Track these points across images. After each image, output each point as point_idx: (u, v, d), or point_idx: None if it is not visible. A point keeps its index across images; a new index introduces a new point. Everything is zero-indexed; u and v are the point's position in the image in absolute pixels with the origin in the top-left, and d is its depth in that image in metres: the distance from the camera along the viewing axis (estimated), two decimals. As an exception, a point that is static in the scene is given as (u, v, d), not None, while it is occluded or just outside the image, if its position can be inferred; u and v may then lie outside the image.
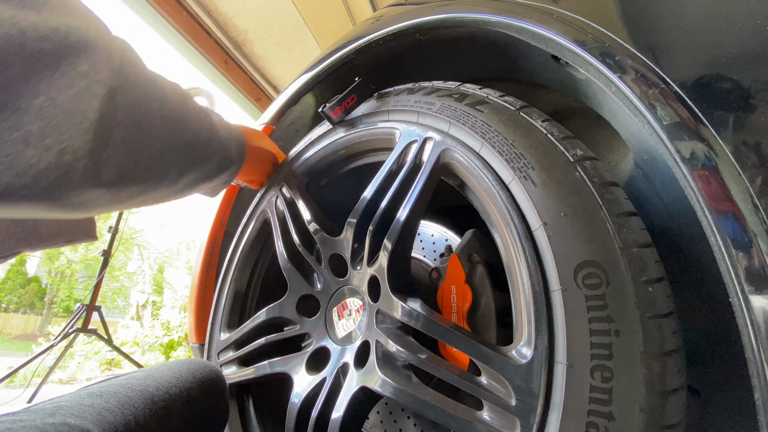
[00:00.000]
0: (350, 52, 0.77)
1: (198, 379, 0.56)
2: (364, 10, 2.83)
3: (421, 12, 0.67)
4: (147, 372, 0.53)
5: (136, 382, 0.49)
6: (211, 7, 2.75)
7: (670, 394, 0.36)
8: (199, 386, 0.55)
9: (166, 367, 0.56)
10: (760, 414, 0.31)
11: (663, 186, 0.53)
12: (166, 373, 0.54)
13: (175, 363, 0.58)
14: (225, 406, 0.60)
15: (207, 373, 0.59)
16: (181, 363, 0.59)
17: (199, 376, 0.56)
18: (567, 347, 0.38)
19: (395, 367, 0.54)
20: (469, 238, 0.64)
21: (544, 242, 0.42)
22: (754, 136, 0.34)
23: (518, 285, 0.45)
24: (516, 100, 0.55)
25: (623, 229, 0.40)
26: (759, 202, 0.32)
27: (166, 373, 0.54)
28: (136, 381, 0.49)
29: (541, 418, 0.39)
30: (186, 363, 0.59)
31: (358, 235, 0.63)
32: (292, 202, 0.75)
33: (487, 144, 0.50)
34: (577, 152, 0.45)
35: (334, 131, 0.74)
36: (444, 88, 0.62)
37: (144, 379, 0.50)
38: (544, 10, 0.51)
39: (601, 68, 0.43)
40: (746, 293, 0.32)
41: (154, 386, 0.49)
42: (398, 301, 0.54)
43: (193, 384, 0.54)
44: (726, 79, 0.36)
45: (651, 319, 0.37)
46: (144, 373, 0.53)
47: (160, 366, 0.57)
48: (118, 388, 0.46)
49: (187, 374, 0.55)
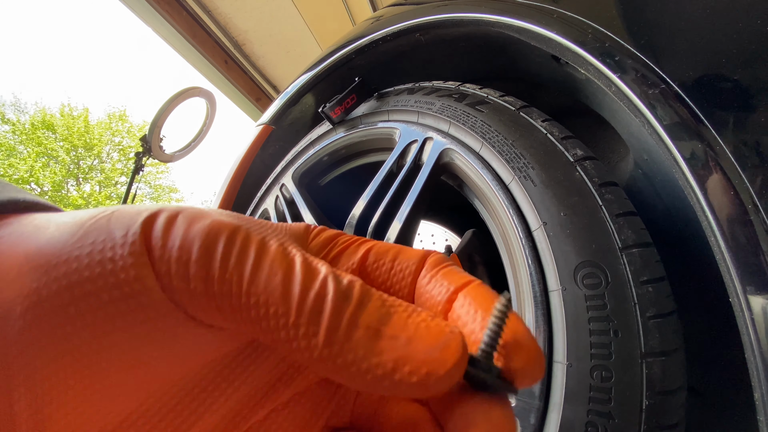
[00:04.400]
0: (350, 52, 0.77)
1: None
2: (364, 10, 2.83)
3: (421, 12, 0.67)
4: None
5: None
6: (211, 7, 2.75)
7: (670, 394, 0.36)
8: None
9: None
10: (760, 414, 0.31)
11: (663, 186, 0.53)
12: None
13: None
14: None
15: None
16: None
17: None
18: (566, 347, 0.38)
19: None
20: (469, 238, 0.64)
21: (544, 242, 0.42)
22: (754, 136, 0.34)
23: (518, 285, 0.45)
24: (516, 100, 0.55)
25: (623, 229, 0.40)
26: (759, 202, 0.32)
27: None
28: None
29: (541, 418, 0.39)
30: None
31: (358, 234, 0.63)
32: (292, 202, 0.75)
33: (487, 144, 0.50)
34: (577, 152, 0.45)
35: (334, 131, 0.74)
36: (444, 88, 0.62)
37: None
38: (544, 10, 0.51)
39: (601, 68, 0.43)
40: (746, 293, 0.32)
41: None
42: (398, 301, 0.54)
43: None
44: (726, 79, 0.36)
45: (651, 318, 0.37)
46: None
47: None
48: None
49: None
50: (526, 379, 0.15)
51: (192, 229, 0.15)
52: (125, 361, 0.15)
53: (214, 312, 0.15)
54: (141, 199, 15.93)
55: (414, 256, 0.19)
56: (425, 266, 0.19)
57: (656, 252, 0.40)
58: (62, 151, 14.44)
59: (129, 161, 15.26)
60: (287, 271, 0.14)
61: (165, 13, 2.52)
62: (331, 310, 0.14)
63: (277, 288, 0.14)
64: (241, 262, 0.14)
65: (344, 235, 0.21)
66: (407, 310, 0.15)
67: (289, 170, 0.78)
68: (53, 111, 14.94)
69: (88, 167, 15.20)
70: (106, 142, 15.53)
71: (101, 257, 0.14)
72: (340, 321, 0.14)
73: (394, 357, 0.14)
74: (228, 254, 0.14)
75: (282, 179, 0.79)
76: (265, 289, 0.14)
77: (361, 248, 0.20)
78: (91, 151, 15.11)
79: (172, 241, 0.15)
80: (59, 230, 0.15)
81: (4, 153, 13.56)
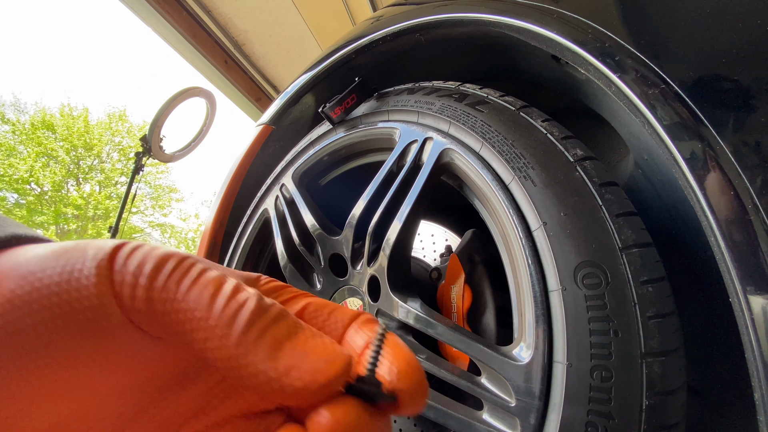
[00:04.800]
0: (350, 51, 0.77)
1: None
2: (364, 10, 2.83)
3: (421, 12, 0.67)
4: None
5: None
6: (211, 7, 2.75)
7: (670, 394, 0.36)
8: None
9: None
10: (760, 414, 0.31)
11: (663, 186, 0.53)
12: None
13: None
14: None
15: None
16: None
17: None
18: (566, 347, 0.38)
19: (395, 367, 0.54)
20: (469, 238, 0.64)
21: (544, 242, 0.42)
22: (754, 136, 0.34)
23: (518, 285, 0.45)
24: (516, 100, 0.55)
25: (623, 229, 0.40)
26: (759, 202, 0.32)
27: None
28: None
29: (541, 418, 0.39)
30: None
31: (358, 235, 0.63)
32: (292, 202, 0.75)
33: (487, 144, 0.50)
34: (577, 152, 0.45)
35: (334, 131, 0.74)
36: (444, 88, 0.62)
37: None
38: (544, 10, 0.51)
39: (601, 68, 0.43)
40: (746, 293, 0.32)
41: None
42: (398, 301, 0.54)
43: None
44: (726, 79, 0.36)
45: (651, 318, 0.37)
46: None
47: None
48: None
49: None
50: (406, 395, 0.18)
51: (147, 257, 0.18)
52: (71, 366, 0.17)
53: (157, 322, 0.18)
54: (141, 199, 15.94)
55: (347, 313, 0.22)
56: (356, 322, 0.22)
57: (656, 252, 0.40)
58: (62, 151, 14.45)
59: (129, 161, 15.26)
60: (217, 289, 0.17)
61: (165, 13, 2.52)
62: (246, 319, 0.17)
63: (205, 300, 0.17)
64: (179, 281, 0.17)
65: (291, 288, 0.24)
66: (313, 334, 0.18)
67: (289, 170, 0.78)
68: (53, 111, 14.95)
69: (88, 167, 15.20)
70: (106, 142, 15.53)
71: (69, 275, 0.17)
72: (251, 329, 0.16)
73: (287, 363, 0.16)
74: (171, 275, 0.17)
75: (282, 179, 0.79)
76: (195, 302, 0.17)
77: (303, 300, 0.23)
78: (91, 151, 15.11)
79: (130, 264, 0.18)
80: (36, 253, 0.18)
81: (4, 153, 13.56)
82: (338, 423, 0.16)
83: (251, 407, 0.20)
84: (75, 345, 0.17)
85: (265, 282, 0.24)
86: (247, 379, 0.17)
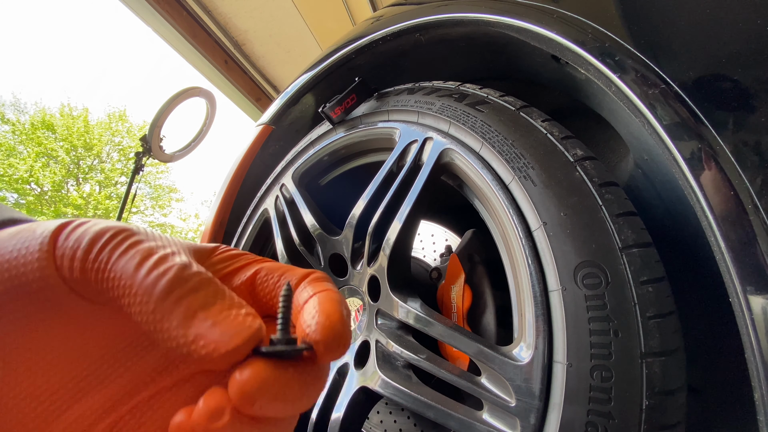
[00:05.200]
0: (350, 51, 0.77)
1: None
2: (364, 10, 2.83)
3: (421, 12, 0.67)
4: None
5: None
6: (211, 7, 2.75)
7: (670, 394, 0.36)
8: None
9: None
10: (760, 414, 0.31)
11: (663, 186, 0.53)
12: None
13: None
14: None
15: None
16: None
17: None
18: (566, 347, 0.38)
19: (395, 367, 0.54)
20: (469, 238, 0.64)
21: (544, 242, 0.42)
22: (754, 136, 0.34)
23: (518, 285, 0.45)
24: (516, 100, 0.55)
25: (623, 229, 0.40)
26: (759, 202, 0.32)
27: None
28: None
29: (541, 418, 0.39)
30: None
31: (358, 235, 0.63)
32: (292, 202, 0.75)
33: (487, 144, 0.50)
34: (577, 152, 0.45)
35: (334, 131, 0.74)
36: (444, 88, 0.62)
37: None
38: (544, 10, 0.51)
39: (601, 68, 0.43)
40: (746, 293, 0.32)
41: None
42: (398, 301, 0.54)
43: None
44: (726, 79, 0.36)
45: (651, 318, 0.37)
46: None
47: None
48: None
49: None
50: (321, 346, 0.19)
51: (88, 230, 0.20)
52: (30, 331, 0.20)
53: (91, 289, 0.20)
54: (141, 199, 15.94)
55: (297, 273, 0.24)
56: (306, 280, 0.23)
57: (656, 252, 0.40)
58: (62, 151, 14.44)
59: (129, 161, 15.25)
60: (143, 259, 0.19)
61: (165, 13, 2.52)
62: (163, 287, 0.18)
63: (130, 269, 0.19)
64: (111, 251, 0.19)
65: (248, 255, 0.26)
66: (230, 305, 0.19)
67: (289, 170, 0.78)
68: (53, 111, 14.94)
69: (88, 167, 15.19)
70: (105, 142, 15.52)
71: (18, 252, 0.20)
72: (168, 297, 0.18)
73: (195, 333, 0.18)
74: (104, 246, 0.19)
75: (282, 179, 0.79)
76: (122, 270, 0.19)
77: (256, 265, 0.25)
78: (91, 151, 15.11)
79: (71, 238, 0.20)
80: (1, 234, 0.21)
81: (4, 153, 13.56)
82: (245, 382, 0.18)
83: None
84: (27, 313, 0.20)
85: (222, 251, 0.25)
86: (163, 343, 0.18)
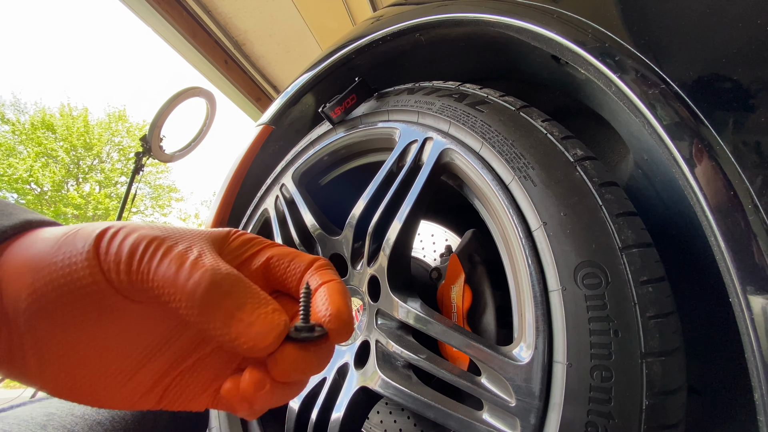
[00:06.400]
0: (350, 52, 0.77)
1: None
2: (364, 10, 2.82)
3: (421, 12, 0.67)
4: None
5: None
6: (211, 7, 2.75)
7: (670, 394, 0.36)
8: None
9: None
10: (760, 414, 0.31)
11: (663, 186, 0.53)
12: None
13: None
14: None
15: None
16: None
17: None
18: (566, 347, 0.38)
19: (395, 367, 0.54)
20: (469, 238, 0.64)
21: (544, 242, 0.42)
22: (754, 136, 0.34)
23: (518, 285, 0.45)
24: (516, 100, 0.55)
25: (623, 229, 0.40)
26: (759, 202, 0.32)
27: None
28: None
29: (541, 418, 0.39)
30: None
31: (358, 235, 0.63)
32: (292, 202, 0.75)
33: (487, 144, 0.50)
34: (577, 152, 0.45)
35: (334, 131, 0.74)
36: (444, 88, 0.62)
37: None
38: (544, 9, 0.51)
39: (601, 68, 0.43)
40: (746, 293, 0.32)
41: None
42: (398, 301, 0.54)
43: None
44: (726, 79, 0.36)
45: (651, 319, 0.37)
46: None
47: None
48: None
49: None
50: (334, 333, 0.26)
51: (125, 240, 0.24)
52: (90, 327, 0.25)
53: (138, 293, 0.25)
54: (141, 199, 15.94)
55: (305, 259, 0.30)
56: (312, 267, 0.29)
57: (656, 252, 0.40)
58: (62, 151, 14.44)
59: (129, 161, 15.24)
60: (179, 268, 0.24)
61: (165, 13, 2.52)
62: (202, 295, 0.23)
63: (171, 277, 0.23)
64: (150, 260, 0.24)
65: (259, 239, 0.31)
66: (259, 302, 0.24)
67: (289, 170, 0.78)
68: (53, 111, 14.94)
69: (88, 167, 15.19)
70: (105, 142, 15.52)
71: (69, 262, 0.24)
72: (209, 304, 0.23)
73: (237, 330, 0.23)
74: (143, 256, 0.24)
75: (282, 179, 0.79)
76: (163, 277, 0.23)
77: (269, 251, 0.30)
78: (91, 151, 15.10)
79: (111, 249, 0.24)
80: (44, 243, 0.25)
81: (3, 153, 13.55)
82: (283, 362, 0.24)
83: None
84: (86, 315, 0.24)
85: (235, 236, 0.30)
86: (212, 338, 0.24)
